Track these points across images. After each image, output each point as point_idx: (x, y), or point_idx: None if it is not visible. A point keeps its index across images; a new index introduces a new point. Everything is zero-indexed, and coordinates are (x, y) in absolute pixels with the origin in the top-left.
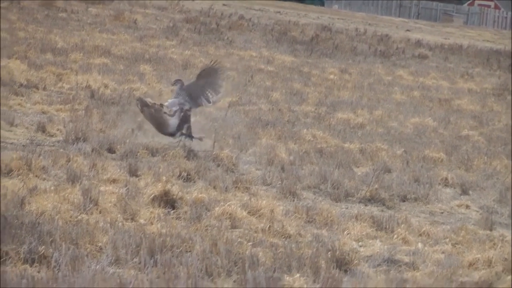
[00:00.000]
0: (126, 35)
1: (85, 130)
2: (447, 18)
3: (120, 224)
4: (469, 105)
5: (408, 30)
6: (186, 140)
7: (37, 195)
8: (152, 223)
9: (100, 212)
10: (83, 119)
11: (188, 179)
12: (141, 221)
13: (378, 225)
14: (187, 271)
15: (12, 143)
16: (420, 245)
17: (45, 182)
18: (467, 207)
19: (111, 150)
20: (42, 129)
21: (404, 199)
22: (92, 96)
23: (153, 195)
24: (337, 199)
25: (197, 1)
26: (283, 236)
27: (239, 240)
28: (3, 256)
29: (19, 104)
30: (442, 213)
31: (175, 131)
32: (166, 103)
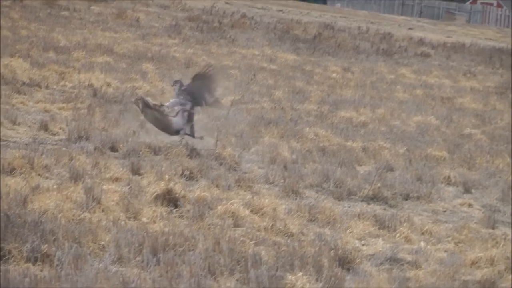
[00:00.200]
0: (128, 33)
1: (87, 128)
2: (449, 17)
3: (122, 223)
4: (471, 103)
5: (410, 29)
6: (189, 138)
7: (39, 194)
8: (154, 222)
9: (103, 211)
10: (86, 117)
11: (190, 177)
12: (144, 219)
13: (380, 223)
14: (189, 269)
15: (14, 142)
16: (422, 243)
17: (47, 181)
18: (469, 205)
19: (113, 149)
20: (44, 127)
21: (406, 197)
22: (95, 94)
23: (155, 193)
24: (339, 198)
25: None
26: (285, 235)
27: (241, 238)
28: (6, 255)
29: (21, 103)
30: (445, 211)
31: (179, 130)
32: (167, 103)
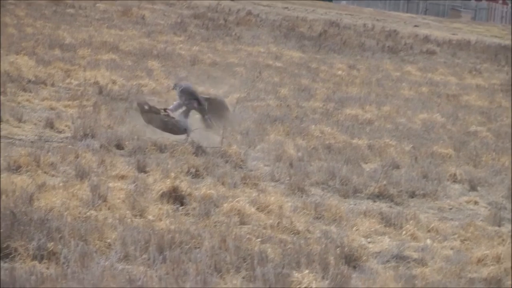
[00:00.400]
0: (134, 30)
1: (93, 126)
2: (455, 14)
3: (129, 221)
4: (477, 100)
5: (416, 26)
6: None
7: (45, 192)
8: (160, 220)
9: (109, 209)
10: (91, 115)
11: (196, 175)
12: (150, 217)
13: (386, 221)
14: (196, 267)
15: (20, 139)
16: (428, 241)
17: (53, 179)
18: (475, 203)
19: (119, 146)
20: (50, 125)
21: (412, 195)
22: (100, 92)
23: (161, 191)
24: (345, 195)
25: None
26: (291, 232)
27: (247, 236)
28: (12, 253)
29: (27, 100)
30: (451, 209)
31: (186, 130)
32: (171, 106)
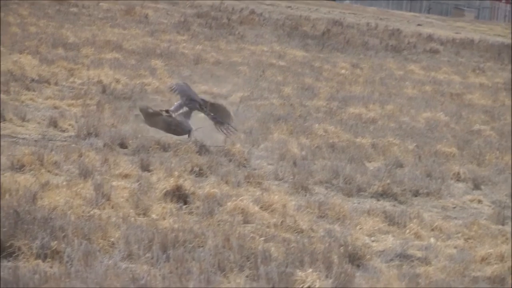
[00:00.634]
0: (137, 29)
1: (97, 125)
2: (458, 13)
3: (132, 219)
4: (480, 99)
5: (419, 25)
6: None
7: (49, 190)
8: (164, 218)
9: (112, 207)
10: (95, 114)
11: (200, 174)
12: (154, 216)
13: (390, 220)
14: (199, 266)
15: (24, 138)
16: (432, 240)
17: (57, 177)
18: (479, 201)
19: (123, 145)
20: (54, 124)
21: (416, 194)
22: (104, 91)
23: (165, 190)
24: (349, 194)
25: None
26: (295, 231)
27: (251, 235)
28: (16, 252)
29: (30, 99)
30: (454, 207)
31: (189, 131)
32: (172, 107)
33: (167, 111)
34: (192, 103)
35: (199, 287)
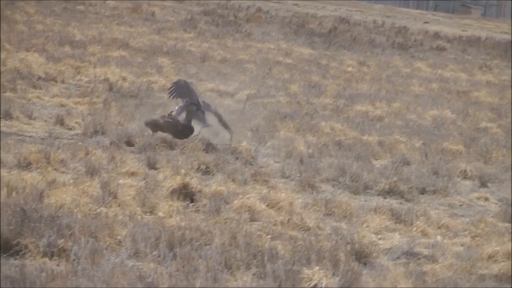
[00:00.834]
0: (144, 27)
1: (103, 123)
2: (465, 10)
3: (139, 217)
4: (487, 97)
5: (426, 22)
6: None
7: (56, 188)
8: (171, 216)
9: (119, 205)
10: (102, 112)
11: (206, 172)
12: (160, 214)
13: (397, 217)
14: (206, 264)
15: (31, 136)
16: (439, 237)
17: (64, 175)
18: (486, 199)
19: (129, 143)
20: (60, 122)
21: (423, 191)
22: (110, 89)
23: (172, 188)
24: (356, 192)
25: None
26: (302, 229)
27: (258, 233)
28: (23, 250)
29: (37, 97)
30: (461, 205)
31: (192, 131)
32: (174, 111)
33: (169, 115)
34: (191, 106)
35: (206, 285)
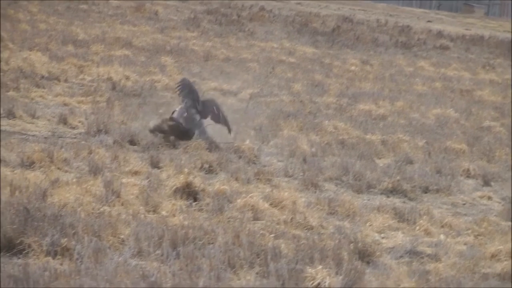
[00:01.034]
0: (147, 26)
1: (106, 122)
2: (468, 9)
3: (142, 216)
4: (490, 96)
5: (429, 21)
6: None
7: (59, 187)
8: (174, 215)
9: (122, 204)
10: (105, 111)
11: (210, 171)
12: (163, 213)
13: (400, 216)
14: (209, 263)
15: (34, 135)
16: (442, 236)
17: (67, 174)
18: (489, 198)
19: (132, 142)
20: (63, 121)
21: (426, 190)
22: (114, 88)
23: (175, 187)
24: (359, 191)
25: None
26: (305, 228)
27: (261, 232)
28: (26, 249)
29: (40, 96)
30: (464, 204)
31: (194, 133)
32: (176, 113)
33: (171, 118)
34: (190, 109)
35: (209, 284)
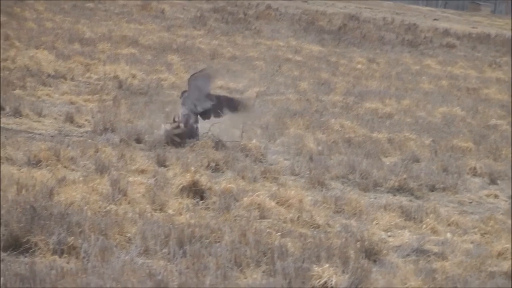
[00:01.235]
0: (153, 25)
1: (113, 120)
2: (474, 7)
3: (148, 215)
4: (497, 94)
5: (435, 19)
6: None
7: (65, 186)
8: (180, 214)
9: (129, 203)
10: (111, 109)
11: (216, 169)
12: (170, 211)
13: (406, 215)
14: (216, 261)
15: (40, 134)
16: (449, 235)
17: (73, 173)
18: (495, 196)
19: (139, 141)
20: (70, 119)
21: (432, 188)
22: (120, 86)
23: (181, 185)
24: (365, 189)
25: None
26: (311, 226)
27: (267, 230)
28: (32, 247)
29: (47, 95)
30: (471, 202)
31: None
32: (180, 117)
33: (174, 120)
34: (189, 115)
35: (216, 282)
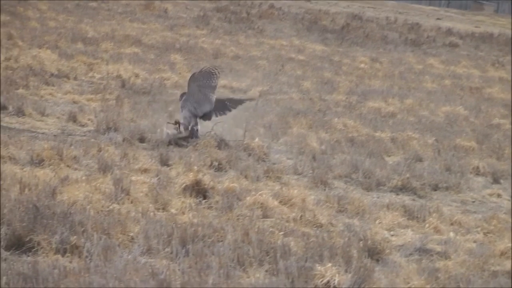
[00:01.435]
0: (156, 24)
1: (116, 119)
2: (477, 7)
3: (151, 214)
4: (500, 93)
5: (438, 19)
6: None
7: (68, 185)
8: (183, 213)
9: (132, 202)
10: (114, 108)
11: (219, 168)
12: (173, 211)
13: (409, 214)
14: (219, 260)
15: (43, 133)
16: (451, 234)
17: (76, 172)
18: (498, 195)
19: (142, 140)
20: (73, 118)
21: (435, 188)
22: (123, 85)
23: (184, 184)
24: (368, 188)
25: None
26: (314, 226)
27: (270, 229)
28: (35, 247)
29: (50, 94)
30: (474, 202)
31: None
32: (181, 119)
33: (176, 122)
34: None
35: (218, 281)
